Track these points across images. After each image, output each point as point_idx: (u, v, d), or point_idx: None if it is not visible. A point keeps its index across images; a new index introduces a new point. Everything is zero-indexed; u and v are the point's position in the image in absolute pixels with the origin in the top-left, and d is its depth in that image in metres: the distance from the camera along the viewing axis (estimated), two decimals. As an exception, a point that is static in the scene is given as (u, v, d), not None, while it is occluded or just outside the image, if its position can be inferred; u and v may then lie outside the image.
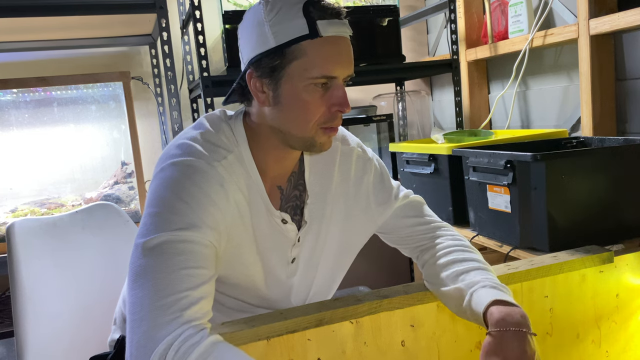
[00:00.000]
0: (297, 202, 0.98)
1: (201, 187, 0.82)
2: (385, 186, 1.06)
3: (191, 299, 0.74)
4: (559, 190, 1.26)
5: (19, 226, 1.25)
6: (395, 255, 1.14)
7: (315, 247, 1.00)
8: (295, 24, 0.82)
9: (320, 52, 0.83)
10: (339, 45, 0.85)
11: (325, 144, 0.89)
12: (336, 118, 0.87)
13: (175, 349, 0.70)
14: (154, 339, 0.70)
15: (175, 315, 0.72)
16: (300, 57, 0.83)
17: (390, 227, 1.07)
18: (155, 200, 0.81)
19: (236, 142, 0.90)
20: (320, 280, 1.04)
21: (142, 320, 0.72)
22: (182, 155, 0.85)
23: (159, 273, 0.75)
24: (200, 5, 1.77)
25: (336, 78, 0.85)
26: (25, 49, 2.12)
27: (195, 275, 0.76)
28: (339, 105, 0.86)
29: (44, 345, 1.20)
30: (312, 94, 0.84)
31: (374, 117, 2.25)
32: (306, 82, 0.83)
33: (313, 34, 0.82)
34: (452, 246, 0.99)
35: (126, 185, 2.07)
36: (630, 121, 1.66)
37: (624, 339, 1.15)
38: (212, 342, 0.72)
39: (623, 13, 1.50)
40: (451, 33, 2.19)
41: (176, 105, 1.82)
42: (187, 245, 0.77)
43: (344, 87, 0.88)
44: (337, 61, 0.84)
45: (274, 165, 0.93)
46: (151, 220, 0.79)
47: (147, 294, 0.73)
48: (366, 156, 1.06)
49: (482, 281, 0.89)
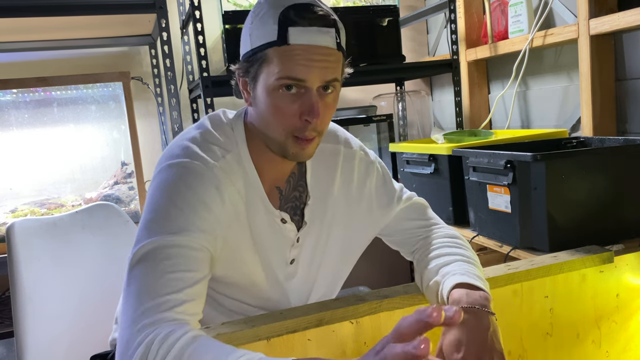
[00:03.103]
0: (297, 203, 0.98)
1: (196, 192, 0.83)
2: (388, 189, 1.06)
3: (173, 302, 0.73)
4: (559, 190, 1.26)
5: (19, 226, 1.25)
6: (395, 256, 1.14)
7: (316, 249, 1.00)
8: (268, 29, 0.82)
9: (285, 58, 0.81)
10: (309, 52, 0.81)
11: (297, 154, 0.86)
12: (306, 129, 0.83)
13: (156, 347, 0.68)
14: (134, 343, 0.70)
15: (155, 317, 0.71)
16: (268, 63, 0.82)
17: (392, 230, 1.07)
18: (150, 205, 0.83)
19: (236, 142, 0.91)
20: (322, 283, 1.03)
21: (126, 328, 0.72)
22: (180, 157, 0.85)
23: (145, 279, 0.75)
24: (200, 5, 1.77)
25: (305, 82, 0.82)
26: (25, 49, 2.12)
27: (181, 278, 0.75)
28: (307, 114, 0.82)
29: (44, 346, 1.20)
30: (282, 98, 0.83)
31: (374, 117, 2.25)
32: (274, 85, 0.82)
33: (281, 41, 0.81)
34: (440, 242, 0.99)
35: (126, 186, 2.07)
36: (630, 121, 1.66)
37: (624, 339, 1.15)
38: (193, 335, 0.70)
39: (623, 13, 1.50)
40: (451, 33, 2.19)
41: (176, 105, 1.82)
42: (176, 249, 0.77)
43: (324, 95, 0.84)
44: (304, 65, 0.81)
45: (271, 165, 0.93)
46: (145, 227, 0.80)
47: (132, 301, 0.74)
48: (369, 159, 1.06)
49: (456, 270, 0.89)
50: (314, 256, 1.00)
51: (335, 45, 0.84)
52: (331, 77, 0.84)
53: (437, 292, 0.90)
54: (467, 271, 0.88)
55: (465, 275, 0.87)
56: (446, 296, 0.86)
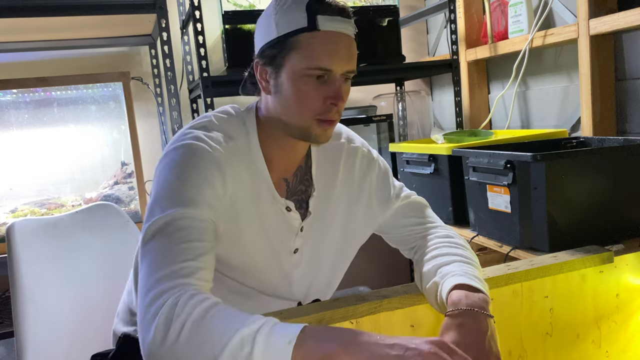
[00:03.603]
0: (303, 196, 1.01)
1: (199, 170, 0.86)
2: (388, 185, 1.08)
3: (191, 268, 0.76)
4: (559, 190, 1.26)
5: (19, 226, 1.25)
6: (395, 255, 1.15)
7: (318, 241, 1.02)
8: (297, 17, 0.87)
9: (316, 45, 0.87)
10: (336, 40, 0.88)
11: (320, 136, 0.92)
12: (330, 111, 0.90)
13: (181, 307, 0.70)
14: (155, 304, 0.71)
15: (176, 282, 0.74)
16: (298, 48, 0.87)
17: (390, 226, 1.08)
18: (158, 184, 0.86)
19: (246, 132, 0.95)
20: (323, 275, 1.06)
21: (145, 293, 0.74)
22: (184, 140, 0.90)
23: (161, 250, 0.78)
24: (200, 5, 1.77)
25: (331, 71, 0.88)
26: (25, 49, 2.12)
27: (194, 247, 0.78)
28: (332, 98, 0.88)
29: (43, 346, 1.20)
30: (308, 84, 0.88)
31: (374, 117, 2.25)
32: (302, 73, 0.87)
33: (311, 27, 0.86)
34: (439, 243, 0.99)
35: (126, 186, 2.07)
36: (630, 121, 1.66)
37: (624, 339, 1.15)
38: (215, 301, 0.73)
39: (623, 13, 1.50)
40: (451, 33, 2.19)
41: (176, 105, 1.82)
42: (186, 221, 0.80)
43: (343, 82, 0.90)
44: (333, 54, 0.87)
45: (281, 157, 0.97)
46: (155, 204, 0.84)
47: (150, 270, 0.76)
48: (371, 156, 1.09)
49: (455, 272, 0.89)
50: (316, 248, 1.03)
51: (354, 36, 0.91)
52: (352, 67, 0.90)
53: (437, 293, 0.90)
54: (466, 272, 0.88)
55: (464, 277, 0.87)
56: (445, 297, 0.86)
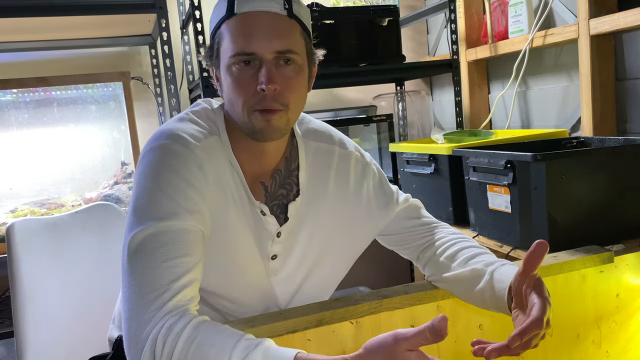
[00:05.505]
0: (284, 201, 0.96)
1: (178, 172, 0.83)
2: (386, 190, 1.06)
3: (173, 290, 0.74)
4: (559, 190, 1.26)
5: (19, 226, 1.25)
6: (395, 256, 1.14)
7: (301, 249, 0.97)
8: (220, 9, 0.85)
9: (234, 30, 0.83)
10: (252, 20, 0.83)
11: (264, 129, 0.85)
12: (264, 99, 0.83)
13: (161, 343, 0.70)
14: (141, 337, 0.71)
15: (157, 310, 0.73)
16: (222, 40, 0.86)
17: (391, 230, 1.07)
18: (137, 192, 0.83)
19: (217, 128, 0.92)
20: (309, 285, 1.00)
21: (130, 319, 0.74)
22: (160, 139, 0.86)
23: (143, 271, 0.76)
24: (200, 5, 1.77)
25: (255, 54, 0.82)
26: (25, 49, 2.12)
27: (178, 265, 0.77)
28: (260, 83, 0.82)
29: (43, 346, 1.20)
30: (238, 74, 0.84)
31: (374, 117, 2.25)
32: (229, 63, 0.84)
33: (229, 14, 0.83)
34: (455, 239, 1.01)
35: (126, 186, 2.07)
36: (630, 121, 1.66)
37: (624, 339, 1.15)
38: (195, 325, 0.72)
39: (623, 13, 1.50)
40: (451, 33, 2.19)
41: (176, 105, 1.82)
42: (168, 235, 0.78)
43: (282, 65, 0.84)
44: (249, 35, 0.82)
45: (251, 157, 0.93)
46: (135, 214, 0.81)
47: (132, 293, 0.75)
48: (365, 160, 1.05)
49: (499, 261, 0.90)
50: (305, 257, 0.98)
51: (284, 11, 0.84)
52: (284, 47, 0.83)
53: (475, 279, 0.90)
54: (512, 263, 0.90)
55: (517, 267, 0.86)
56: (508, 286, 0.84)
